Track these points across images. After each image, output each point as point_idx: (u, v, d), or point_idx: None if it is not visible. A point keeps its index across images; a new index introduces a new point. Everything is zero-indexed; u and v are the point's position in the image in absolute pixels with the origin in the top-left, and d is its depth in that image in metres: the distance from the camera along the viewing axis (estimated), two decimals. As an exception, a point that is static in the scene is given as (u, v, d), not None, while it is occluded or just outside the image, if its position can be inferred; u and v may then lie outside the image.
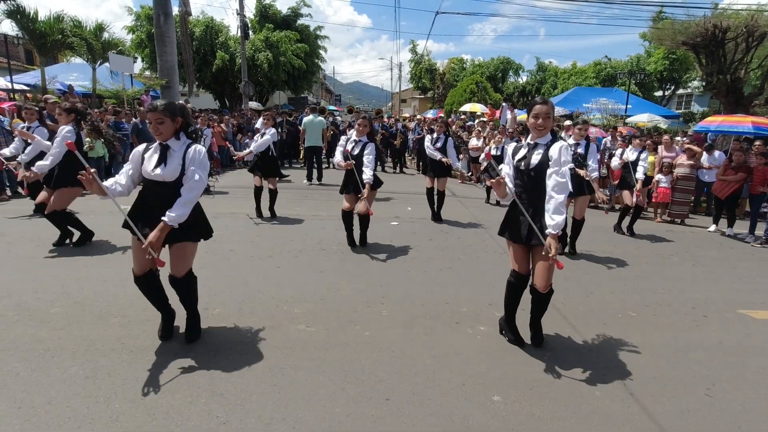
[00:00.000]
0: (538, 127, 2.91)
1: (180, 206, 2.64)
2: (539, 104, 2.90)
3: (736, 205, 7.74)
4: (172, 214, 2.61)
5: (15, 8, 12.75)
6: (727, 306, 4.18)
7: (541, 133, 2.93)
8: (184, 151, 2.71)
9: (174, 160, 2.69)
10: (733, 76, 12.35)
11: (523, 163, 2.94)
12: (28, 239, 4.96)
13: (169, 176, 2.67)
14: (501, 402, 2.50)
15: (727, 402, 2.63)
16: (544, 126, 2.89)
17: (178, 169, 2.67)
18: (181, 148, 2.71)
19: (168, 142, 2.70)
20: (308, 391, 2.49)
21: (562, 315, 3.70)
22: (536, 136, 2.96)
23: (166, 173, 2.66)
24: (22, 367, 2.56)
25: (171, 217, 2.61)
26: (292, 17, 23.57)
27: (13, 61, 17.21)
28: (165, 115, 2.65)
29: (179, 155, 2.69)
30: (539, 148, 2.92)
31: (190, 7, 14.28)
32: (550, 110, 2.89)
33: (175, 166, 2.68)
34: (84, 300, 3.47)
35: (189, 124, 2.81)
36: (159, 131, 2.66)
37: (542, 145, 2.93)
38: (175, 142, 2.72)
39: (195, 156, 2.71)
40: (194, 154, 2.71)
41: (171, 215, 2.61)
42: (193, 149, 2.72)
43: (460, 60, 33.94)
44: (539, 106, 2.89)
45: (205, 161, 2.76)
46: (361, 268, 4.63)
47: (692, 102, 28.34)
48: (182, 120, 2.75)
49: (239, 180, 10.05)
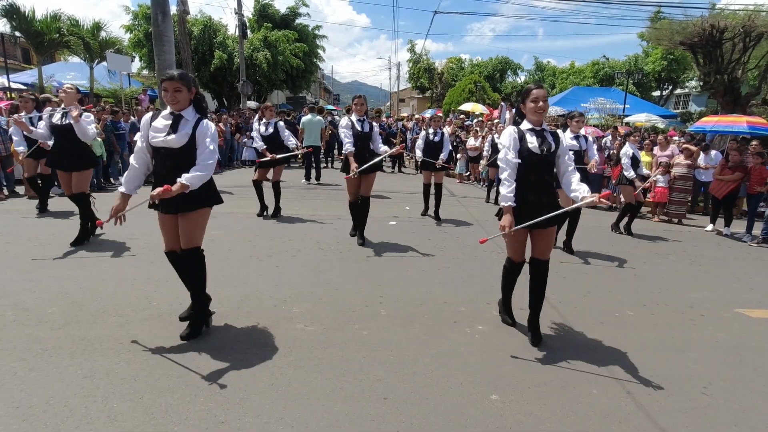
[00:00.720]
0: (539, 110, 2.95)
1: (197, 170, 2.73)
2: (536, 88, 2.97)
3: (733, 204, 7.78)
4: (188, 175, 2.69)
5: (10, 7, 12.70)
6: (724, 305, 4.20)
7: (541, 117, 2.98)
8: (194, 123, 2.79)
9: (184, 128, 2.76)
10: (731, 76, 12.39)
11: (545, 149, 2.96)
12: (25, 239, 4.95)
13: (176, 143, 2.74)
14: (499, 401, 2.51)
15: (723, 400, 2.65)
16: (544, 109, 2.95)
17: (185, 138, 2.74)
18: (192, 119, 2.80)
19: (182, 112, 2.78)
20: (306, 391, 2.49)
21: (559, 314, 3.72)
22: (538, 121, 3.00)
23: (174, 140, 2.73)
24: (20, 366, 2.55)
25: (187, 178, 2.68)
26: (290, 17, 23.53)
27: (10, 60, 17.14)
28: (183, 84, 2.74)
29: (190, 125, 2.78)
30: (547, 133, 3.02)
31: (188, 6, 14.24)
32: (546, 94, 2.98)
33: (184, 134, 2.75)
34: (82, 299, 3.46)
35: (200, 96, 2.91)
36: (176, 99, 2.74)
37: (548, 131, 3.02)
38: (188, 112, 2.80)
39: (207, 129, 2.81)
40: (206, 128, 2.81)
41: (188, 176, 2.68)
42: (204, 123, 2.82)
43: (458, 60, 33.95)
44: (537, 90, 2.96)
45: (215, 135, 2.87)
46: (359, 267, 4.63)
47: (690, 102, 28.41)
48: (196, 91, 2.85)
49: (238, 179, 10.05)
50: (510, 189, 2.97)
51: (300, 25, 23.67)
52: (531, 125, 3.02)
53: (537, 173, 2.99)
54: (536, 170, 2.99)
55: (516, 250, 3.20)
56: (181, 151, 2.76)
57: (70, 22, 14.95)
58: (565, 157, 3.06)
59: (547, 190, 3.04)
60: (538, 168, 2.98)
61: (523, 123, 3.06)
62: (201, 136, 2.78)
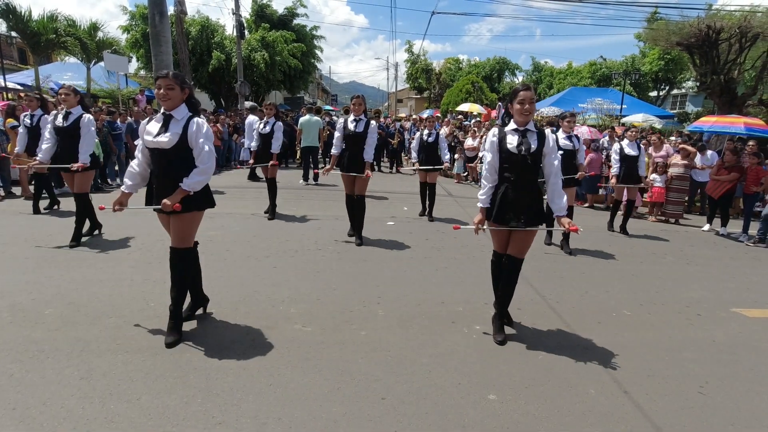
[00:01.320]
0: (525, 113, 2.96)
1: (196, 175, 2.79)
2: (524, 90, 2.97)
3: (730, 204, 7.80)
4: (188, 180, 2.76)
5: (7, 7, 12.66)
6: (721, 304, 4.22)
7: (527, 118, 2.99)
8: (185, 122, 2.81)
9: (174, 128, 2.79)
10: (727, 76, 12.45)
11: (523, 149, 2.97)
12: (22, 240, 4.93)
13: (166, 144, 2.76)
14: (497, 401, 2.51)
15: (720, 400, 2.66)
16: (530, 111, 2.96)
17: (176, 138, 2.76)
18: (182, 119, 2.82)
19: (172, 111, 2.81)
20: (304, 391, 2.49)
21: (557, 314, 3.72)
22: (523, 122, 3.01)
23: (164, 140, 2.75)
24: (17, 368, 2.54)
25: (188, 183, 2.76)
26: (288, 17, 23.51)
27: (6, 60, 17.07)
28: (175, 83, 2.79)
29: (180, 125, 2.80)
30: (531, 134, 3.01)
31: (185, 7, 14.22)
32: (534, 95, 2.98)
33: (174, 134, 2.77)
34: (79, 301, 3.45)
35: (193, 97, 2.94)
36: (168, 97, 2.77)
37: (532, 131, 3.01)
38: (178, 111, 2.82)
39: (199, 129, 2.81)
40: (197, 127, 2.81)
41: (188, 181, 2.76)
42: (194, 122, 2.84)
43: (456, 60, 33.99)
44: (524, 92, 2.96)
45: (209, 133, 2.88)
46: (357, 267, 4.63)
47: (687, 102, 28.53)
48: (189, 92, 2.87)
49: (235, 180, 10.04)
50: (484, 191, 3.10)
51: (297, 26, 23.65)
52: (515, 125, 3.04)
53: (517, 172, 3.00)
54: (516, 170, 3.00)
55: (499, 243, 3.27)
56: (173, 151, 2.79)
57: (66, 23, 14.90)
58: (551, 157, 3.03)
59: (529, 189, 3.04)
60: (517, 167, 3.00)
61: (509, 123, 3.08)
62: (194, 138, 2.80)
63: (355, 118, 5.35)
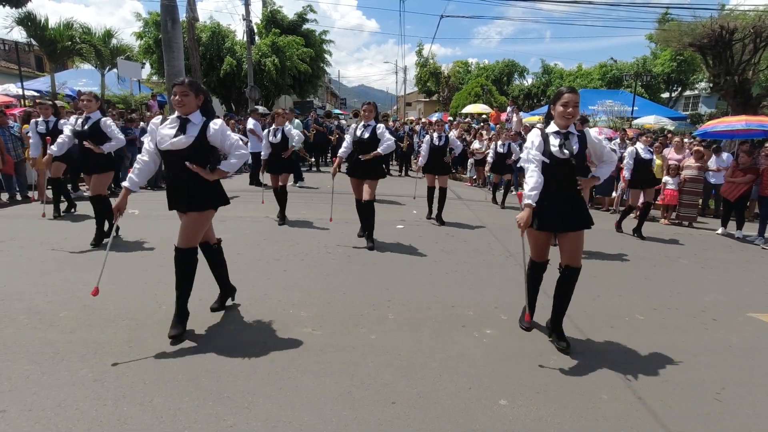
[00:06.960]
0: (568, 116, 2.92)
1: (232, 158, 3.01)
2: (568, 92, 2.94)
3: (745, 206, 7.67)
4: (226, 162, 2.99)
5: (27, 15, 12.96)
6: (737, 309, 4.14)
7: (569, 121, 2.96)
8: (201, 125, 2.93)
9: (191, 131, 2.90)
10: (741, 77, 12.25)
11: (566, 150, 2.93)
12: (38, 243, 5.02)
13: (183, 144, 2.87)
14: (507, 406, 2.49)
15: (737, 406, 2.60)
16: (573, 115, 2.93)
17: (191, 139, 2.88)
18: (199, 123, 2.94)
19: (189, 116, 2.92)
20: (314, 395, 2.49)
21: (568, 317, 3.67)
22: (565, 125, 2.97)
23: (181, 141, 2.86)
24: (33, 369, 2.58)
25: (226, 164, 2.98)
26: (298, 23, 23.72)
27: (24, 68, 17.45)
28: (191, 89, 2.90)
29: (197, 128, 2.92)
30: (572, 136, 2.99)
31: (197, 13, 14.41)
32: (578, 99, 2.96)
33: (190, 136, 2.89)
34: (93, 303, 3.49)
35: (209, 102, 3.05)
36: (183, 103, 2.88)
37: (573, 134, 2.99)
38: (194, 116, 2.94)
39: (221, 128, 2.95)
40: (220, 127, 2.95)
41: (225, 163, 2.99)
42: (212, 124, 2.94)
43: (465, 63, 33.96)
44: (569, 94, 2.93)
45: (229, 129, 3.04)
46: (367, 271, 4.63)
47: (699, 103, 28.14)
48: (204, 98, 2.98)
49: (245, 183, 10.12)
50: (532, 186, 2.90)
51: (307, 30, 23.83)
52: (557, 128, 2.99)
53: (557, 177, 2.95)
54: (557, 174, 2.95)
55: (536, 250, 3.22)
56: (189, 153, 2.88)
57: (82, 30, 15.21)
58: (605, 150, 3.11)
59: (567, 195, 2.99)
60: (559, 171, 2.95)
61: (549, 126, 3.04)
62: (219, 136, 2.94)
63: (364, 125, 5.43)
